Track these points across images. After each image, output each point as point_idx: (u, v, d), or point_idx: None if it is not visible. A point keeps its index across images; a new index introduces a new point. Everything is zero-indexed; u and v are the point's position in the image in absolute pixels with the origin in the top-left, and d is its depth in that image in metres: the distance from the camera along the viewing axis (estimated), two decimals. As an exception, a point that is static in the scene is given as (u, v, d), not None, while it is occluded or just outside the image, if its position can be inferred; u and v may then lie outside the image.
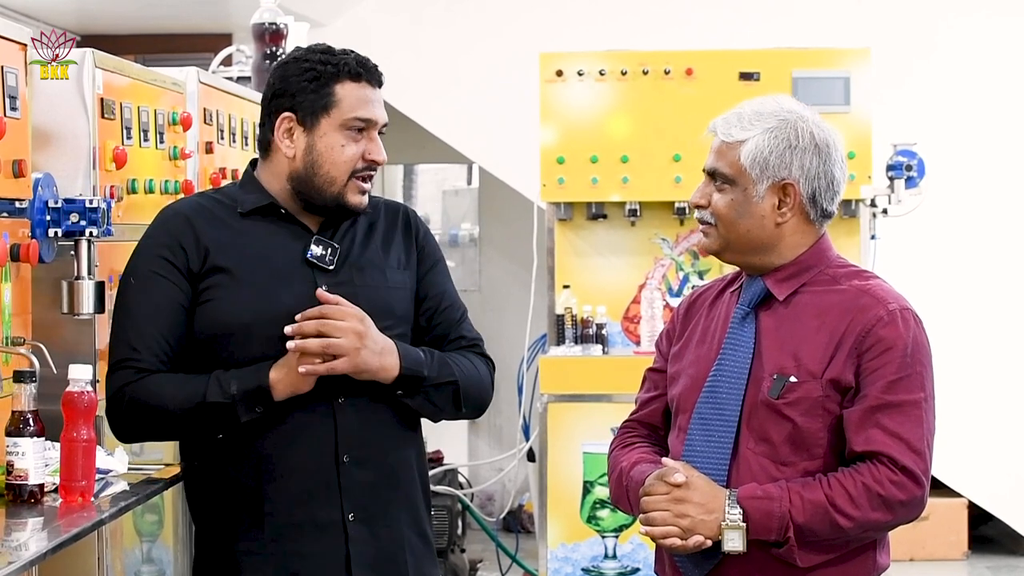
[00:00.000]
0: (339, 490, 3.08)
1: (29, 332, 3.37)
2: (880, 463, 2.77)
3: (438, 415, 3.18)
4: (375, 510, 3.12)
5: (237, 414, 3.00)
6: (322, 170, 3.09)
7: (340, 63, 3.10)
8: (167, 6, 7.40)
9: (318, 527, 3.08)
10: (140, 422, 3.07)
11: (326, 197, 3.10)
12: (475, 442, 8.62)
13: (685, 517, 2.80)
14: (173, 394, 3.02)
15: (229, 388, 2.99)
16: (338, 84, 3.09)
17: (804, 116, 2.89)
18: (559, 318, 6.53)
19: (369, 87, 3.12)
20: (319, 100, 3.09)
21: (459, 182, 9.38)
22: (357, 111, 3.09)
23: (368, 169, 3.12)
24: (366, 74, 3.11)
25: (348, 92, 3.09)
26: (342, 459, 3.08)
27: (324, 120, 3.09)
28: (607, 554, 6.17)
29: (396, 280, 3.17)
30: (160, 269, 3.09)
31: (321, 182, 3.10)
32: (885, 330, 2.81)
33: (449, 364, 3.15)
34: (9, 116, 3.25)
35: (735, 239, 2.90)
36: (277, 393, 3.00)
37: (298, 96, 3.10)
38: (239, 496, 3.10)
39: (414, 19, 7.86)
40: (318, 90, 3.09)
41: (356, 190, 3.11)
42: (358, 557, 3.09)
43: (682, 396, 2.95)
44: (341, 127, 3.09)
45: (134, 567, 3.94)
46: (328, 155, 3.09)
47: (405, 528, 3.16)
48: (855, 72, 6.36)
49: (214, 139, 4.60)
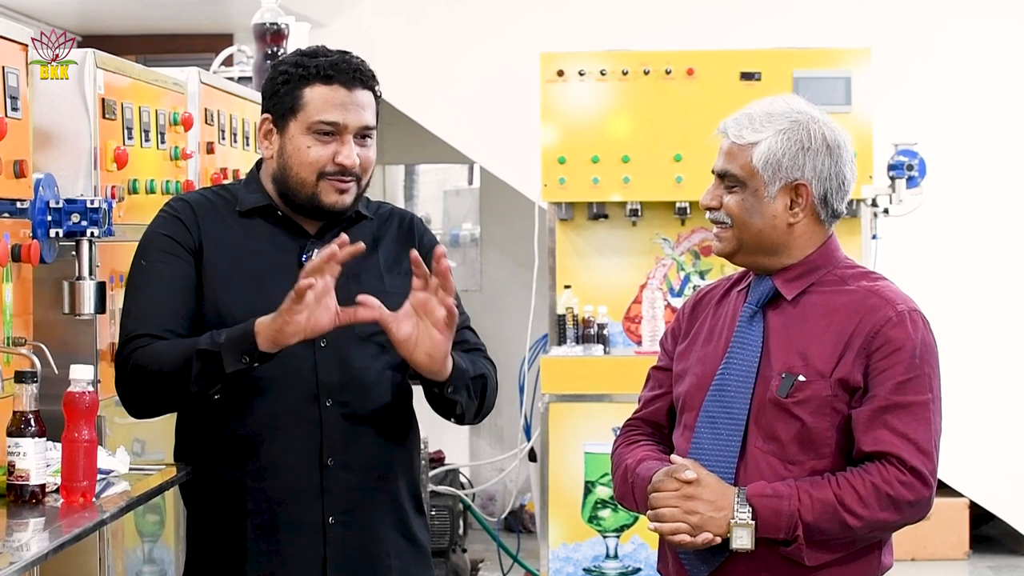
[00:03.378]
0: (321, 492, 3.08)
1: (30, 332, 3.36)
2: (889, 463, 2.77)
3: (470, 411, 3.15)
4: (357, 513, 3.11)
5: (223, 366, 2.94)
6: (292, 172, 3.09)
7: (312, 65, 3.08)
8: (168, 6, 7.40)
9: (297, 528, 3.08)
10: (142, 387, 3.04)
11: (301, 198, 3.09)
12: (476, 442, 8.62)
13: (694, 514, 2.80)
14: (171, 352, 3.00)
15: (218, 338, 2.96)
16: (307, 87, 3.07)
17: (815, 117, 2.89)
18: (560, 318, 6.52)
19: (343, 89, 3.08)
20: (288, 102, 3.09)
21: (460, 182, 9.37)
22: (322, 114, 3.06)
23: (341, 173, 3.08)
24: (338, 76, 3.08)
25: (316, 95, 3.07)
26: (326, 462, 3.08)
27: (292, 123, 3.08)
28: (608, 554, 6.16)
29: (394, 286, 3.14)
30: (169, 249, 3.09)
31: (293, 184, 3.09)
32: (894, 331, 2.81)
33: (476, 361, 3.15)
34: (10, 116, 3.25)
35: (748, 240, 2.90)
36: (261, 340, 2.93)
37: (272, 99, 3.12)
38: (225, 495, 3.10)
39: (414, 19, 7.86)
40: (289, 93, 3.09)
41: (331, 190, 3.08)
42: (334, 559, 3.09)
43: (688, 394, 2.95)
44: (307, 130, 3.07)
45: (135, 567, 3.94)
46: (296, 156, 3.08)
47: (389, 531, 3.15)
48: (856, 72, 6.36)
49: (215, 139, 4.60)
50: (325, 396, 3.06)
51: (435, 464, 7.26)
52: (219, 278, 3.09)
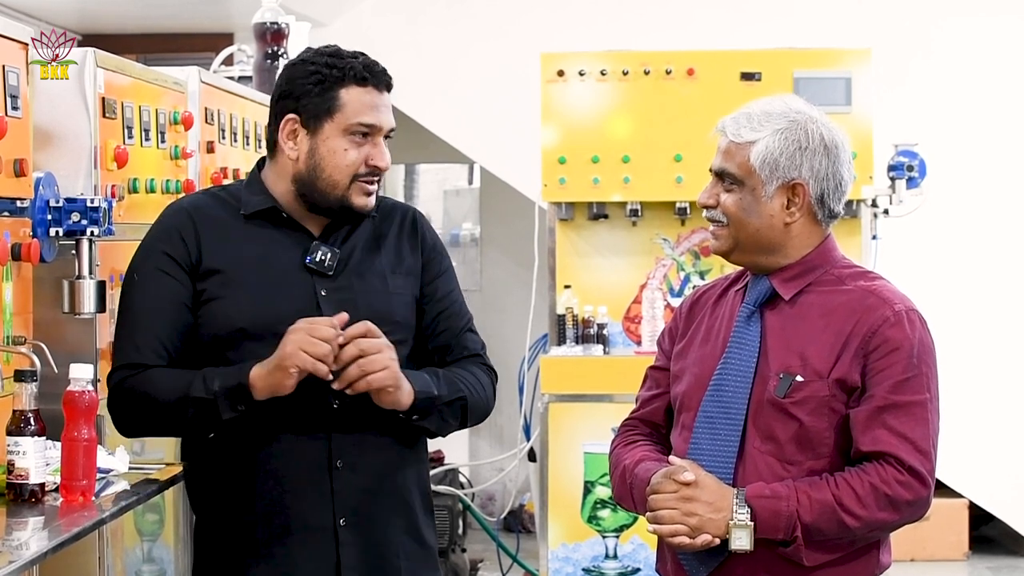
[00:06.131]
0: (331, 495, 3.07)
1: (30, 331, 3.36)
2: (887, 463, 2.78)
3: (447, 431, 3.17)
4: (367, 515, 3.10)
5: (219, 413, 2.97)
6: (324, 174, 3.07)
7: (346, 67, 3.06)
8: (168, 6, 7.40)
9: (309, 531, 3.07)
10: (134, 414, 3.06)
11: (330, 200, 3.08)
12: (476, 442, 8.62)
13: (693, 516, 2.80)
14: (164, 386, 3.00)
15: (212, 384, 2.96)
16: (343, 88, 3.05)
17: (813, 117, 2.90)
18: (560, 318, 6.52)
19: (375, 92, 3.08)
20: (323, 104, 3.06)
21: (460, 182, 9.38)
22: (361, 116, 3.06)
23: (371, 174, 3.08)
24: (372, 79, 3.07)
25: (353, 97, 3.06)
26: (335, 464, 3.07)
27: (327, 124, 3.06)
28: (608, 554, 6.16)
29: (397, 286, 3.15)
30: (163, 265, 3.07)
31: (323, 185, 3.07)
32: (892, 331, 2.81)
33: (456, 381, 3.14)
34: (10, 115, 3.25)
35: (745, 239, 2.90)
36: (257, 392, 2.95)
37: (302, 99, 3.07)
38: (234, 498, 3.09)
39: (414, 19, 7.86)
40: (322, 94, 3.05)
41: (360, 192, 3.08)
42: (347, 561, 3.08)
43: (686, 394, 2.95)
44: (344, 132, 3.06)
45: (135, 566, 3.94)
46: (330, 159, 3.06)
47: (400, 533, 3.14)
48: (856, 72, 6.36)
49: (215, 139, 4.60)
50: (333, 398, 3.06)
51: (435, 464, 7.26)
52: (222, 284, 3.06)
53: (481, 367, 3.24)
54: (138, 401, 3.03)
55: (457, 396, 3.13)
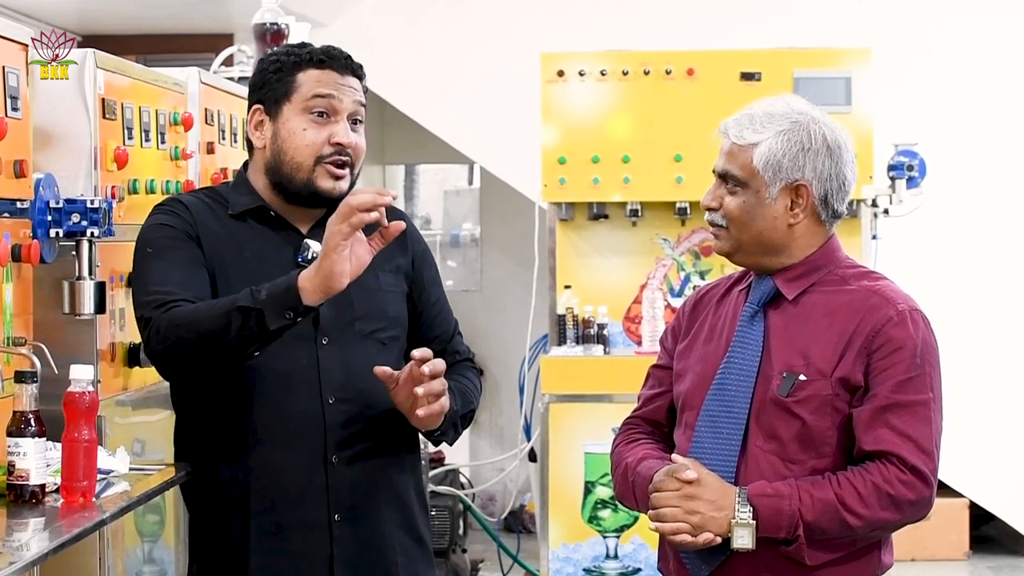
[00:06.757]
0: (326, 491, 3.07)
1: (30, 332, 3.36)
2: (889, 463, 2.78)
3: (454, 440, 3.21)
4: (362, 511, 3.11)
5: (267, 323, 2.87)
6: (287, 156, 3.07)
7: (304, 52, 3.11)
8: (168, 6, 7.40)
9: (304, 527, 3.07)
10: (178, 346, 2.94)
11: (297, 185, 3.08)
12: (476, 442, 8.62)
13: (695, 514, 2.80)
14: (207, 310, 2.93)
15: (259, 294, 2.88)
16: (300, 72, 3.09)
17: (816, 117, 2.90)
18: (560, 318, 6.53)
19: (335, 73, 3.10)
20: (281, 88, 3.09)
21: (460, 182, 9.37)
22: (316, 90, 3.07)
23: (337, 154, 3.07)
24: (330, 61, 3.10)
25: (309, 77, 3.09)
26: (331, 460, 3.07)
27: (286, 106, 3.09)
28: (608, 554, 6.16)
29: (388, 283, 3.16)
30: (175, 236, 3.06)
31: (288, 169, 3.08)
32: (895, 330, 2.81)
33: (466, 393, 3.19)
34: (10, 116, 3.25)
35: (747, 241, 2.90)
36: (307, 294, 2.85)
37: (264, 88, 3.12)
38: (228, 496, 3.09)
39: (414, 19, 7.85)
40: (281, 79, 3.10)
41: (327, 175, 3.07)
42: (341, 557, 3.08)
43: (689, 393, 2.95)
44: (303, 111, 3.07)
45: (135, 567, 3.94)
46: (290, 140, 3.07)
47: (395, 530, 3.15)
48: (856, 72, 6.36)
49: (215, 139, 4.60)
50: (328, 394, 3.06)
51: (435, 464, 7.26)
52: (217, 286, 3.06)
53: (473, 371, 3.31)
54: (181, 329, 2.93)
55: (469, 409, 3.20)
